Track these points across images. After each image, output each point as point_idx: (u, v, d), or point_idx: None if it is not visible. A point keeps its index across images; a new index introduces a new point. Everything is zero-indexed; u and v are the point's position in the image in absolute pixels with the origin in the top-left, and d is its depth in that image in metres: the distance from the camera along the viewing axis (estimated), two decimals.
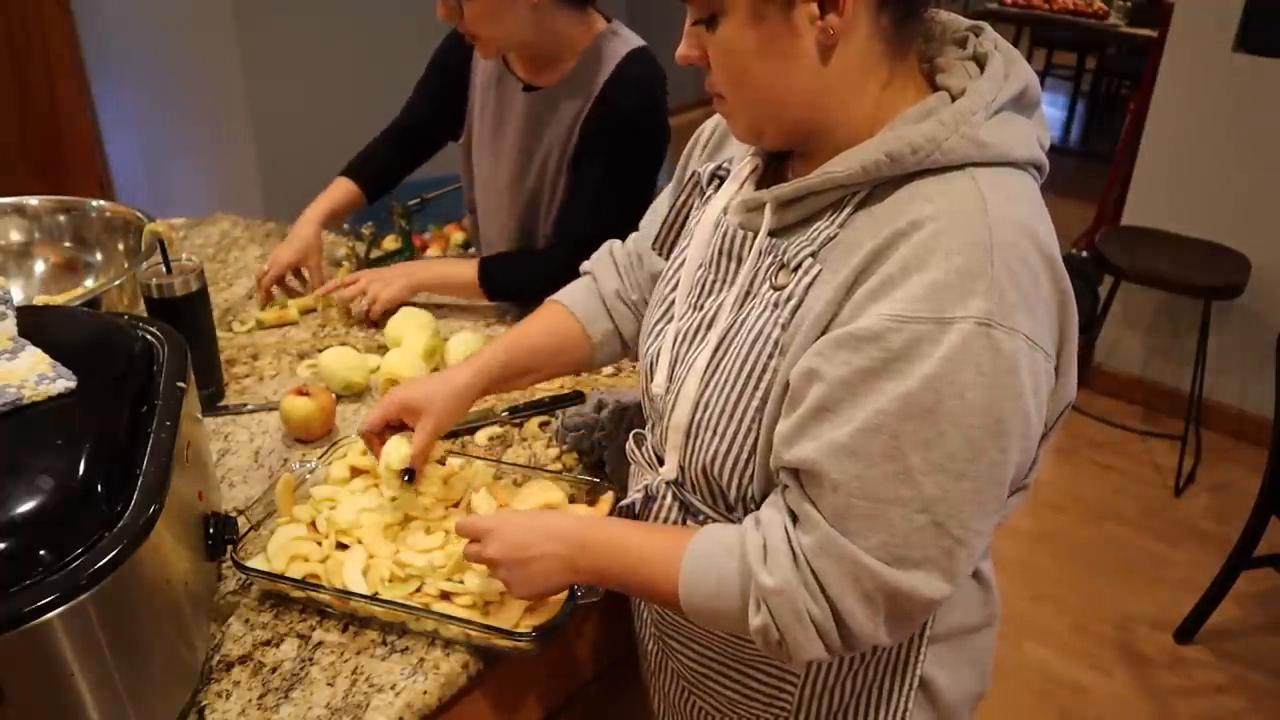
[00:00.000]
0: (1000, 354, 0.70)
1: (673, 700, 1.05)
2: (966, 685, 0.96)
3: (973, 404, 0.70)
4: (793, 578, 0.76)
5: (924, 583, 0.74)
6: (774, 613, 0.77)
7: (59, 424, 0.83)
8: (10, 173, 3.43)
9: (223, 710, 0.90)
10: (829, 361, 0.74)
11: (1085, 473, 2.96)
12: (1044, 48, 5.88)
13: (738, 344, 0.83)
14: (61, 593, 0.72)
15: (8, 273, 1.53)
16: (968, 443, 0.71)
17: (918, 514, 0.72)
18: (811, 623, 0.76)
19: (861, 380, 0.72)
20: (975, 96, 0.76)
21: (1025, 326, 0.71)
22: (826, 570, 0.75)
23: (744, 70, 0.79)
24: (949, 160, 0.74)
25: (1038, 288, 0.73)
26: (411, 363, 1.37)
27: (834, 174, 0.77)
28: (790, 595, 0.76)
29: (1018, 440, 0.73)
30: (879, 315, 0.72)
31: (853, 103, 0.78)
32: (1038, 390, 0.74)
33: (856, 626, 0.76)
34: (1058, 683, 2.22)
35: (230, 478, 1.22)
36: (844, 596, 0.75)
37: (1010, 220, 0.72)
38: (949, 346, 0.69)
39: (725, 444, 0.84)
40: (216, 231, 1.97)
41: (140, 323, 1.05)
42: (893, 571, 0.74)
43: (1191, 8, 2.88)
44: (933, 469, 0.71)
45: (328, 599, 0.99)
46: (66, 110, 3.45)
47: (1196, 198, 3.01)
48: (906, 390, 0.70)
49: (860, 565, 0.74)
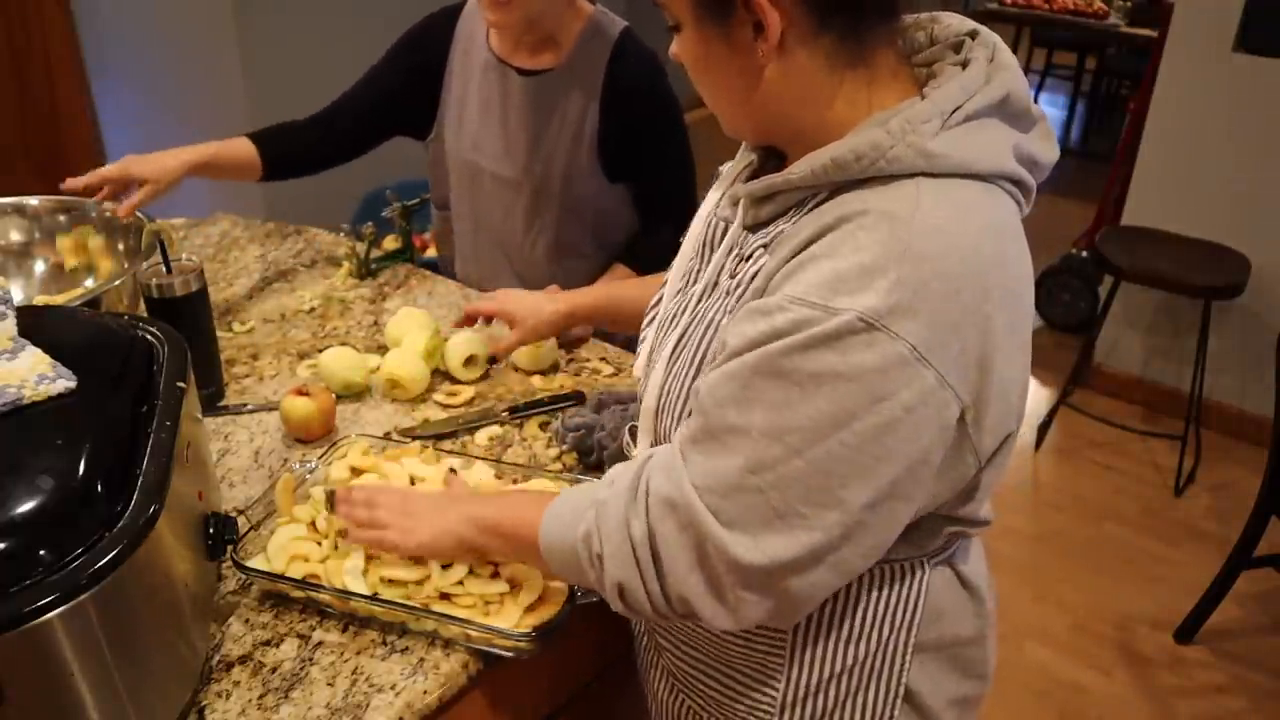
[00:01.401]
0: (871, 352, 0.69)
1: (662, 699, 1.05)
2: (954, 691, 0.94)
3: (825, 386, 0.70)
4: (627, 490, 0.80)
5: (733, 541, 0.74)
6: (599, 518, 0.81)
7: (59, 424, 0.83)
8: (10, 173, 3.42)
9: (223, 710, 0.90)
10: (731, 332, 0.76)
11: (1085, 473, 2.96)
12: (1044, 48, 5.88)
13: (695, 331, 0.86)
14: (61, 593, 0.72)
15: (8, 273, 1.53)
16: (810, 423, 0.71)
17: (745, 473, 0.73)
18: (629, 537, 0.79)
19: (748, 346, 0.74)
20: (929, 105, 0.74)
21: (914, 337, 0.68)
22: (658, 488, 0.78)
23: (701, 79, 0.83)
24: (895, 169, 0.73)
25: (950, 308, 0.69)
26: (411, 363, 1.37)
27: (790, 176, 0.79)
28: (619, 504, 0.80)
29: (868, 444, 0.70)
30: (781, 294, 0.73)
31: (806, 113, 0.79)
32: (913, 407, 0.70)
33: (669, 559, 0.77)
34: (1058, 683, 2.22)
35: (230, 478, 1.22)
36: (663, 519, 0.77)
37: (939, 232, 0.70)
38: (824, 330, 0.70)
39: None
40: (216, 231, 1.97)
41: (140, 323, 1.05)
42: (709, 515, 0.75)
43: (1191, 8, 2.88)
44: (771, 433, 0.72)
45: (328, 599, 0.99)
46: (66, 110, 3.45)
47: (1196, 198, 3.01)
48: (770, 349, 0.72)
49: (684, 493, 0.76)
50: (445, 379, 1.44)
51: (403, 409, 1.37)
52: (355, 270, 1.77)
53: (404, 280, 1.77)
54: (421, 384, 1.39)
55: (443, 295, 1.71)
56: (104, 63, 3.44)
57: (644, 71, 1.57)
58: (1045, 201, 0.79)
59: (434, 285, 1.75)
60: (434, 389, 1.41)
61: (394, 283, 1.76)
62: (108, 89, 3.48)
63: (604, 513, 0.81)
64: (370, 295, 1.71)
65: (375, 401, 1.39)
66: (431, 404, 1.39)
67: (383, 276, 1.78)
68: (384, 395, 1.40)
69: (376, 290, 1.73)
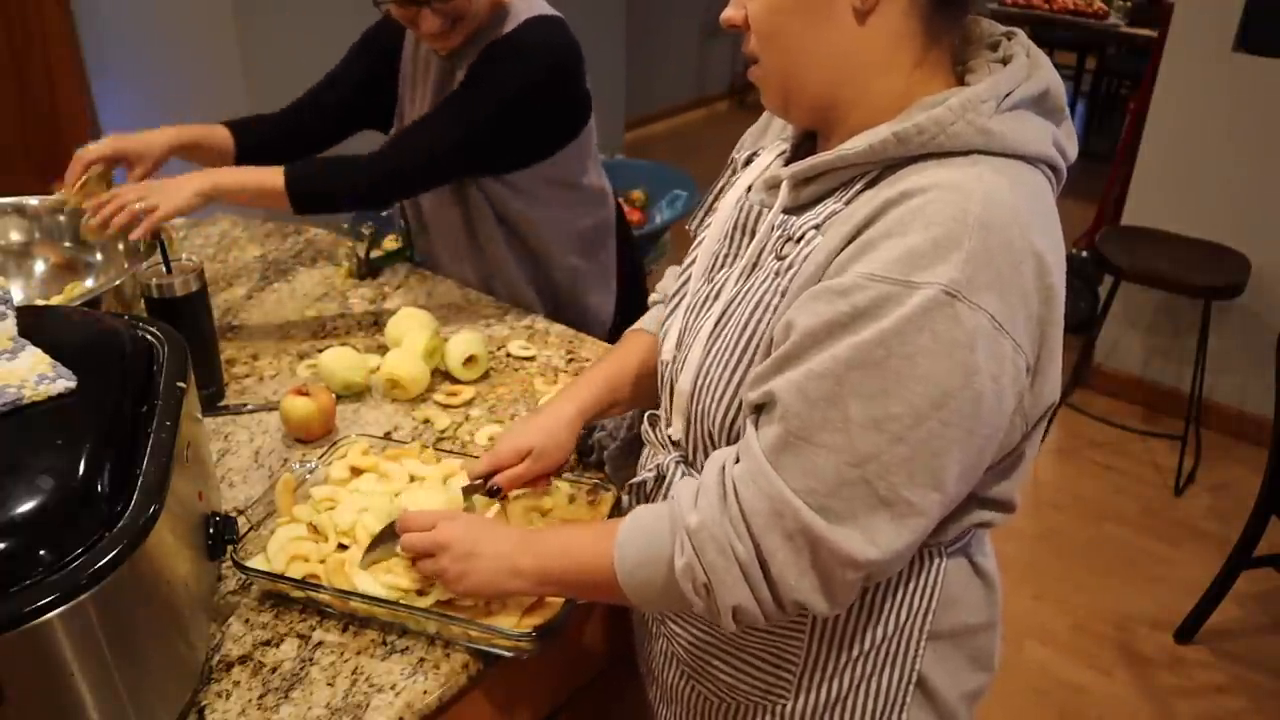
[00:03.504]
0: (959, 326, 0.70)
1: (672, 686, 1.05)
2: (966, 683, 0.96)
3: (921, 369, 0.71)
4: (718, 514, 0.78)
5: (846, 538, 0.74)
6: (698, 549, 0.78)
7: (59, 424, 0.83)
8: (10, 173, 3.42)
9: (223, 710, 0.90)
10: (803, 312, 0.75)
11: (1085, 473, 2.96)
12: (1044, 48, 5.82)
13: (740, 311, 0.85)
14: (61, 593, 0.72)
15: (8, 273, 1.53)
16: (909, 407, 0.71)
17: (848, 466, 0.73)
18: (736, 560, 0.77)
19: (826, 330, 0.73)
20: (986, 87, 0.76)
21: (992, 307, 0.71)
22: (752, 502, 0.76)
23: (779, 29, 0.80)
24: (955, 145, 0.75)
25: (1017, 276, 0.72)
26: (411, 363, 1.37)
27: (844, 152, 0.79)
28: (714, 530, 0.77)
29: (964, 419, 0.72)
30: (855, 273, 0.73)
31: (877, 79, 0.80)
32: (998, 376, 0.72)
33: (780, 571, 0.76)
34: (1058, 683, 2.22)
35: (230, 478, 1.22)
36: (767, 533, 0.76)
37: (1002, 204, 0.72)
38: (909, 308, 0.70)
39: (723, 407, 0.86)
40: (216, 231, 1.97)
41: (140, 323, 1.05)
42: (816, 518, 0.74)
43: (1191, 8, 2.88)
44: (870, 425, 0.72)
45: (328, 599, 0.99)
46: (66, 110, 3.45)
47: (1196, 198, 3.01)
48: (860, 340, 0.71)
49: (785, 501, 0.75)
50: (445, 379, 1.44)
51: (403, 409, 1.37)
52: (355, 270, 1.77)
53: (404, 280, 1.77)
54: (421, 384, 1.39)
55: (443, 295, 1.71)
56: (104, 63, 3.44)
57: (524, 41, 1.46)
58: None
59: (434, 285, 1.75)
60: (434, 389, 1.41)
61: (394, 283, 1.76)
62: (108, 89, 3.48)
63: (700, 541, 0.78)
64: (370, 295, 1.71)
65: (375, 401, 1.39)
66: (431, 404, 1.39)
67: (383, 276, 1.78)
68: (384, 395, 1.40)
69: (376, 290, 1.73)
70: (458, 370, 1.42)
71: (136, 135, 1.51)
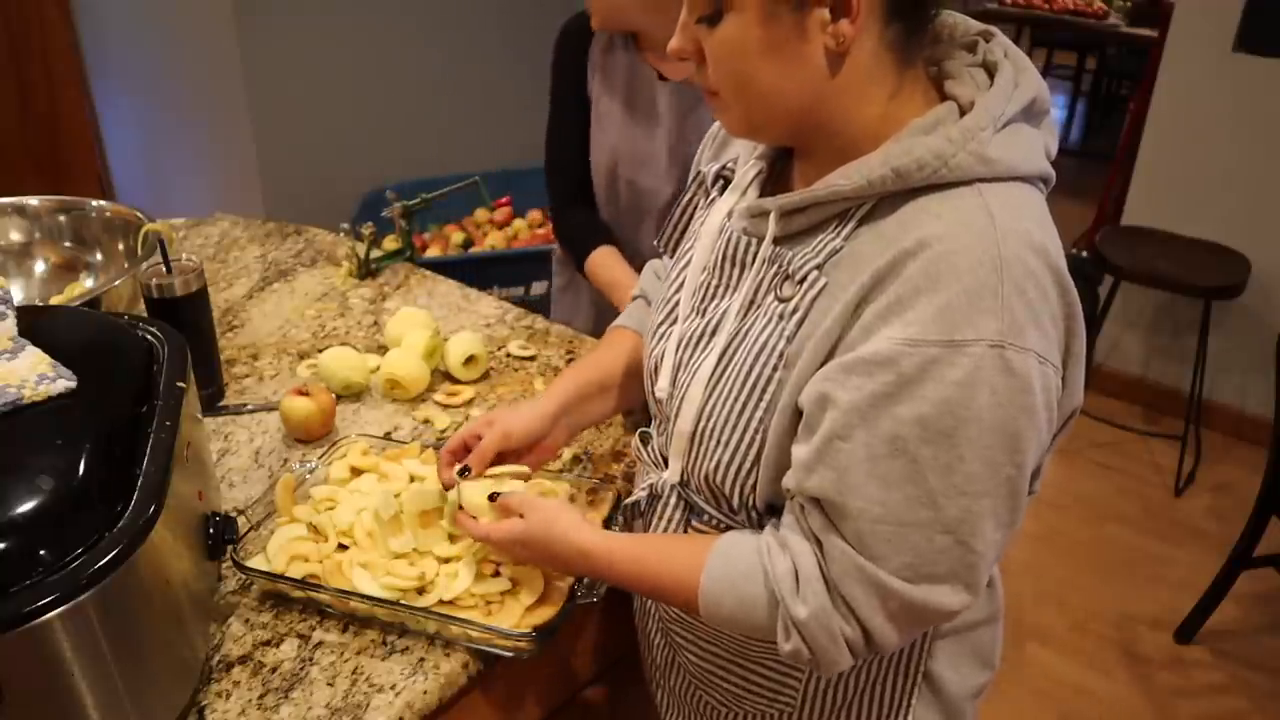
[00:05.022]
0: (1014, 374, 0.70)
1: (679, 695, 1.05)
2: (971, 679, 0.96)
3: (989, 425, 0.71)
4: (827, 605, 0.77)
5: (948, 596, 0.76)
6: (808, 639, 0.78)
7: (59, 424, 0.83)
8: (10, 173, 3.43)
9: (223, 710, 0.90)
10: (842, 387, 0.73)
11: (1086, 473, 2.96)
12: (1044, 48, 5.88)
13: (742, 354, 0.83)
14: (61, 593, 0.72)
15: (8, 273, 1.53)
16: (986, 464, 0.72)
17: (940, 535, 0.73)
18: (845, 643, 0.78)
19: (874, 405, 0.72)
20: (983, 112, 0.75)
21: (1035, 344, 0.71)
22: (856, 595, 0.76)
23: (746, 71, 0.77)
24: (955, 177, 0.74)
25: (1046, 303, 0.73)
26: (412, 363, 1.37)
27: (839, 187, 0.76)
28: (825, 622, 0.77)
29: (1033, 455, 0.75)
30: (889, 339, 0.72)
31: (856, 111, 0.78)
32: (1050, 405, 0.75)
33: (884, 640, 0.78)
34: (1058, 683, 2.22)
35: (230, 478, 1.22)
36: (873, 617, 0.76)
37: (1017, 236, 0.72)
38: (963, 370, 0.70)
39: (729, 453, 0.84)
40: (216, 231, 1.97)
41: (140, 323, 1.05)
42: (917, 589, 0.75)
43: (1191, 8, 2.88)
44: (954, 492, 0.72)
45: (328, 599, 0.99)
46: (66, 110, 3.45)
47: (1196, 198, 3.01)
48: (922, 414, 0.71)
49: (887, 589, 0.75)
50: (445, 379, 1.44)
51: (403, 409, 1.37)
52: (355, 270, 1.77)
53: (404, 280, 1.77)
54: (421, 384, 1.39)
55: (443, 295, 1.71)
56: (104, 63, 3.45)
57: None
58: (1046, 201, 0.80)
59: (434, 285, 1.75)
60: (434, 389, 1.41)
61: (394, 283, 1.76)
62: (108, 89, 3.48)
63: (810, 633, 0.78)
64: (370, 295, 1.71)
65: (375, 401, 1.39)
66: (431, 404, 1.38)
67: (383, 276, 1.78)
68: (384, 395, 1.40)
69: (376, 290, 1.73)
70: (458, 370, 1.42)
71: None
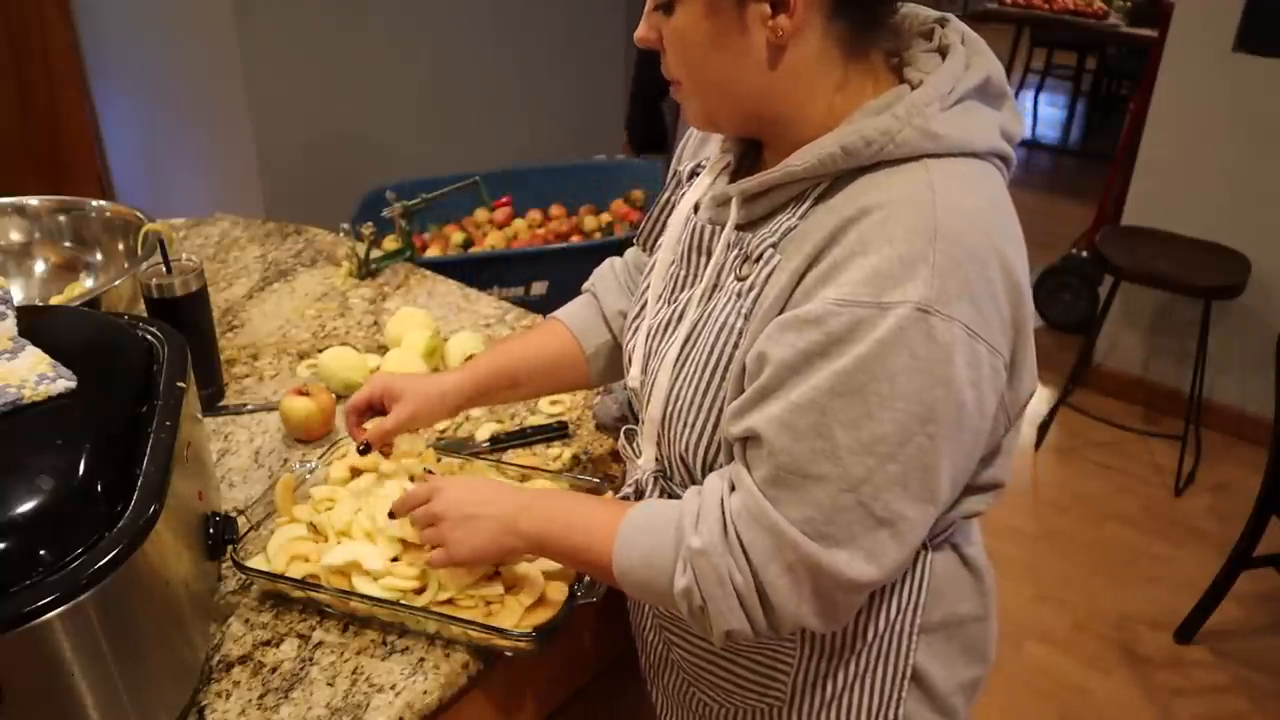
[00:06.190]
0: (935, 341, 0.71)
1: (673, 692, 1.05)
2: (962, 674, 0.96)
3: (903, 388, 0.71)
4: (719, 542, 0.78)
5: (847, 562, 0.75)
6: (698, 575, 0.79)
7: (59, 424, 0.83)
8: (10, 173, 3.42)
9: (223, 710, 0.90)
10: (776, 344, 0.75)
11: (1086, 473, 2.96)
12: (1044, 48, 5.88)
13: (706, 335, 0.85)
14: (61, 593, 0.72)
15: (8, 273, 1.53)
16: (896, 426, 0.72)
17: (843, 492, 0.73)
18: (734, 590, 0.78)
19: (803, 361, 0.73)
20: (929, 89, 0.76)
21: (964, 316, 0.71)
22: (751, 537, 0.76)
23: (697, 60, 0.80)
24: (903, 152, 0.75)
25: (985, 280, 0.73)
26: (412, 363, 1.37)
27: (792, 168, 0.79)
28: (715, 559, 0.78)
29: (950, 429, 0.73)
30: (824, 299, 0.73)
31: (806, 100, 0.80)
32: (977, 382, 0.73)
33: (779, 600, 0.77)
34: (1058, 683, 2.22)
35: (230, 478, 1.22)
36: (767, 566, 0.76)
37: (959, 211, 0.73)
38: (885, 330, 0.70)
39: (695, 434, 0.86)
40: (216, 231, 1.97)
41: (140, 323, 1.05)
42: (816, 546, 0.75)
43: (1191, 8, 2.88)
44: (860, 449, 0.72)
45: (328, 599, 0.99)
46: (66, 110, 3.45)
47: (1196, 198, 3.01)
48: (839, 368, 0.72)
49: (784, 536, 0.75)
50: None
51: None
52: (355, 270, 1.77)
53: (404, 280, 1.77)
54: None
55: (443, 295, 1.71)
56: (104, 63, 3.45)
57: None
58: (1045, 201, 0.80)
59: (434, 285, 1.75)
60: None
61: (394, 283, 1.76)
62: (108, 89, 3.48)
63: (701, 567, 0.79)
64: (370, 295, 1.71)
65: None
66: None
67: (383, 276, 1.78)
68: None
69: (376, 290, 1.73)
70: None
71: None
